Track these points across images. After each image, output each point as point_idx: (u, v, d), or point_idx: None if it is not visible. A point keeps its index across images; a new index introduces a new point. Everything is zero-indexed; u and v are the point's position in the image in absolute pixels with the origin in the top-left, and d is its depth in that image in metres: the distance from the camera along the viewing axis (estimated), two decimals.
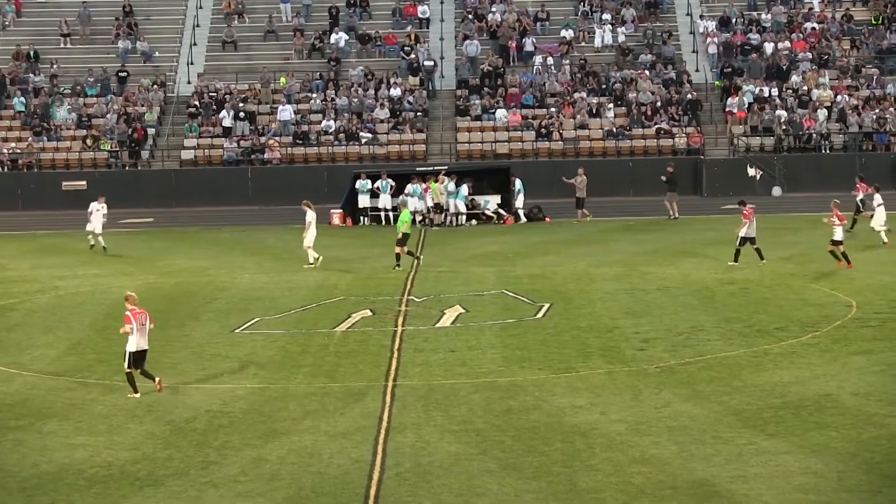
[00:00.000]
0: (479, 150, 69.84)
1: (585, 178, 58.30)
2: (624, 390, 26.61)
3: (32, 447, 23.52)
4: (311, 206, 44.87)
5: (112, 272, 45.22)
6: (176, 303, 38.85)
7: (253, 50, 77.52)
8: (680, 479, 20.80)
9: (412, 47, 75.93)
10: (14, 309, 38.48)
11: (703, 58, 75.09)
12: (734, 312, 34.82)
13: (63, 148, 70.73)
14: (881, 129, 69.10)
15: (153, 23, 79.27)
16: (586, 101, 71.91)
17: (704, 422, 24.02)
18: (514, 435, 23.52)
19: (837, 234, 41.52)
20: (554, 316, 35.02)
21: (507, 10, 78.15)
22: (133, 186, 67.77)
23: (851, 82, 72.85)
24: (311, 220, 44.48)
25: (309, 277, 43.08)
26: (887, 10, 78.06)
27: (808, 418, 24.09)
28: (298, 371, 29.25)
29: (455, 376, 28.30)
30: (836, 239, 41.49)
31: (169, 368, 29.81)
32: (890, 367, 28.02)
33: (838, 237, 41.52)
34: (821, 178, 65.10)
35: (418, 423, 24.49)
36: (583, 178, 58.28)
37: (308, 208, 44.66)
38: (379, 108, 71.98)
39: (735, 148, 69.26)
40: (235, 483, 21.20)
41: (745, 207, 42.94)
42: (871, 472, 20.89)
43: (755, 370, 28.11)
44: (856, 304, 35.26)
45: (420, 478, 21.17)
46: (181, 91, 74.43)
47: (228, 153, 69.71)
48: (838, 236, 41.52)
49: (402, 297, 38.44)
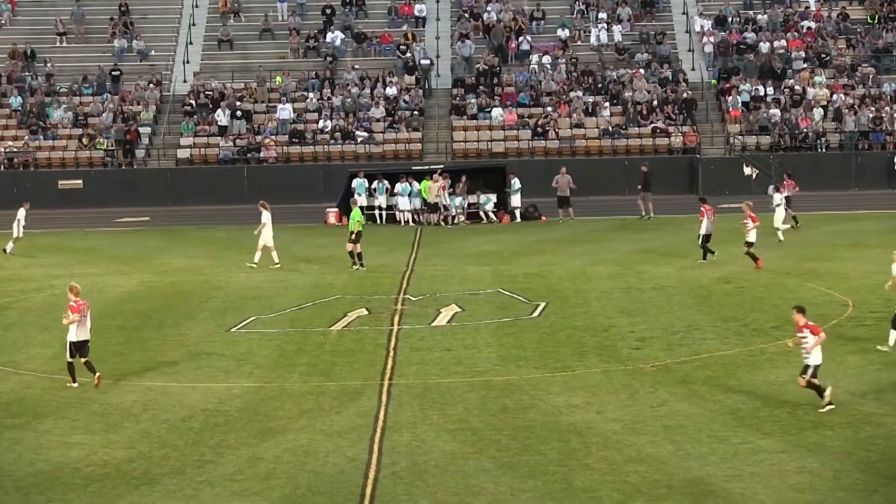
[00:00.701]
0: (475, 149, 69.81)
1: (569, 177, 58.46)
2: (620, 389, 26.62)
3: (28, 446, 23.51)
4: (267, 207, 45.26)
5: (108, 271, 45.18)
6: (172, 302, 38.83)
7: (249, 49, 77.50)
8: (676, 478, 20.81)
9: (408, 46, 75.91)
10: (10, 308, 38.46)
11: (699, 57, 75.09)
12: (730, 311, 34.84)
13: (59, 147, 70.69)
14: (877, 128, 69.11)
15: (149, 22, 79.22)
16: (582, 99, 71.91)
17: (700, 421, 24.03)
18: (509, 434, 23.52)
19: (751, 236, 41.74)
20: (550, 315, 35.03)
21: (502, 8, 78.15)
22: (129, 185, 67.73)
23: (847, 81, 72.87)
24: (267, 220, 44.89)
25: (305, 276, 43.07)
26: (883, 8, 78.09)
27: (803, 417, 24.10)
28: (294, 370, 29.24)
29: (451, 375, 28.30)
30: (750, 240, 41.74)
31: (165, 367, 29.82)
32: (886, 367, 28.04)
33: (751, 239, 41.75)
34: (817, 177, 65.12)
35: (414, 421, 24.50)
36: (566, 177, 58.44)
37: (264, 209, 45.04)
38: (375, 107, 71.96)
39: (731, 147, 69.28)
40: (231, 482, 21.20)
41: (704, 205, 43.47)
42: (867, 471, 20.91)
43: (751, 369, 28.13)
44: (852, 303, 35.28)
45: (416, 476, 21.17)
46: (177, 90, 74.37)
47: (224, 152, 69.67)
48: (751, 238, 41.73)
49: (397, 296, 38.44)
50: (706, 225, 43.11)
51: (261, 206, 45.34)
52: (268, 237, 44.76)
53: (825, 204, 57.94)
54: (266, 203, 45.57)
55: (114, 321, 35.28)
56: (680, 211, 57.58)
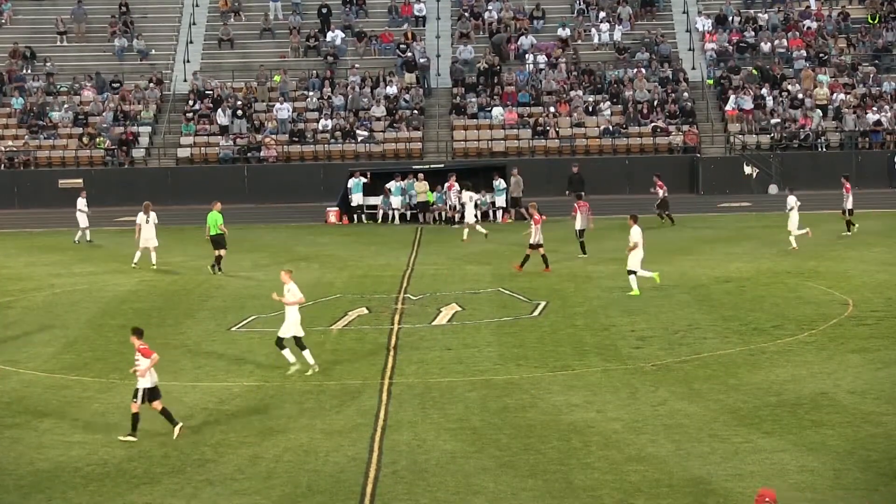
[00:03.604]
0: (476, 149, 69.80)
1: (520, 178, 59.18)
2: (620, 388, 26.63)
3: (29, 445, 23.52)
4: (150, 209, 45.78)
5: (108, 270, 45.21)
6: (172, 301, 38.85)
7: (249, 48, 77.49)
8: (676, 477, 20.82)
9: (408, 45, 75.91)
10: (10, 307, 38.47)
11: (700, 56, 75.08)
12: (730, 310, 34.84)
13: (59, 146, 70.68)
14: (877, 128, 69.07)
15: (149, 21, 79.22)
16: (582, 99, 71.91)
17: (701, 420, 24.03)
18: (510, 433, 23.53)
19: (534, 236, 42.09)
20: (550, 314, 35.03)
21: (503, 7, 78.13)
22: (129, 184, 67.66)
23: (848, 80, 72.86)
24: (141, 222, 45.41)
25: (305, 275, 43.05)
26: (884, 7, 78.08)
27: (804, 416, 24.10)
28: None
29: (451, 374, 28.31)
30: (533, 242, 42.16)
31: (165, 366, 29.80)
32: (886, 365, 28.04)
33: (534, 240, 42.11)
34: (817, 176, 65.09)
35: (414, 421, 24.50)
36: (517, 178, 58.83)
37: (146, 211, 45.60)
38: (375, 106, 71.96)
39: (731, 146, 69.25)
40: (232, 481, 21.20)
41: (579, 201, 45.75)
42: (867, 471, 20.91)
43: (751, 368, 28.13)
44: (852, 302, 35.28)
45: (416, 476, 21.17)
46: (177, 89, 74.37)
47: (224, 151, 69.67)
48: (533, 239, 42.09)
49: (398, 296, 38.45)
50: (580, 220, 45.29)
51: (144, 207, 45.83)
52: (149, 238, 45.22)
53: (825, 203, 57.84)
54: (150, 204, 46.18)
55: (114, 320, 35.30)
56: (680, 210, 57.60)
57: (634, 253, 37.57)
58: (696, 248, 47.13)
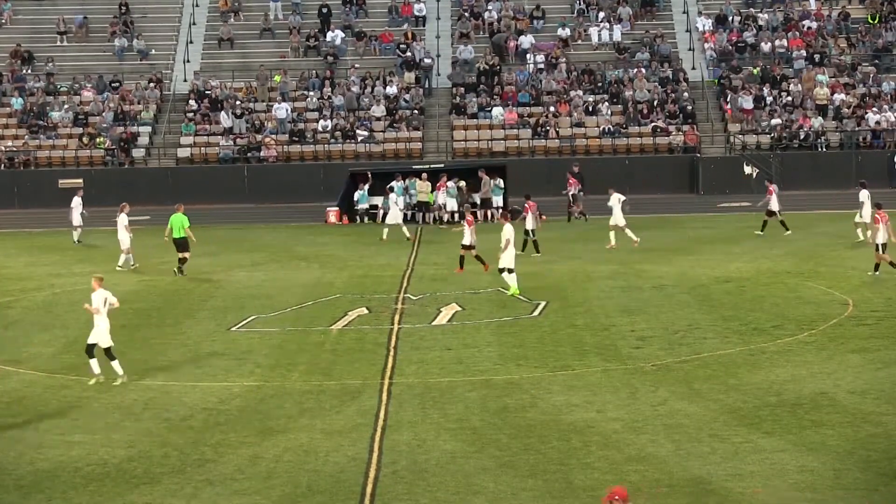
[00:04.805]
0: (476, 149, 69.81)
1: (489, 178, 59.39)
2: (620, 388, 26.62)
3: (29, 445, 23.51)
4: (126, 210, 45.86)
5: (108, 270, 45.10)
6: (172, 300, 38.85)
7: (249, 48, 77.50)
8: (676, 477, 20.81)
9: (408, 45, 75.91)
10: (10, 307, 38.47)
11: (700, 56, 75.09)
12: (730, 310, 34.83)
13: (59, 146, 70.69)
14: (877, 127, 69.05)
15: (149, 21, 79.22)
16: (582, 99, 71.91)
17: (701, 420, 24.03)
18: (510, 433, 23.52)
19: (467, 237, 42.33)
20: (550, 314, 35.03)
21: (503, 7, 78.14)
22: (129, 184, 67.60)
23: (848, 80, 72.86)
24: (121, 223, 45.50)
25: (305, 275, 43.08)
26: (884, 7, 78.07)
27: (804, 416, 24.10)
28: (295, 369, 29.25)
29: (451, 374, 28.30)
30: (465, 243, 42.41)
31: (165, 366, 29.82)
32: (886, 365, 28.03)
33: (467, 241, 42.34)
34: (817, 177, 65.06)
35: (414, 421, 24.49)
36: (486, 178, 59.11)
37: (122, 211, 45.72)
38: (375, 105, 71.97)
39: (731, 146, 69.25)
40: (231, 481, 21.19)
41: (528, 201, 46.57)
42: (867, 471, 20.90)
43: (751, 368, 28.12)
44: (852, 302, 35.27)
45: (416, 476, 21.16)
46: (177, 89, 74.39)
47: (225, 151, 69.68)
48: (467, 241, 42.34)
49: (398, 295, 38.44)
50: (530, 220, 46.23)
51: (121, 208, 45.92)
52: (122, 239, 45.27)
53: (825, 203, 57.88)
54: (126, 205, 46.29)
55: (114, 320, 35.08)
56: (680, 210, 57.61)
57: (508, 251, 38.00)
58: (696, 248, 47.12)
